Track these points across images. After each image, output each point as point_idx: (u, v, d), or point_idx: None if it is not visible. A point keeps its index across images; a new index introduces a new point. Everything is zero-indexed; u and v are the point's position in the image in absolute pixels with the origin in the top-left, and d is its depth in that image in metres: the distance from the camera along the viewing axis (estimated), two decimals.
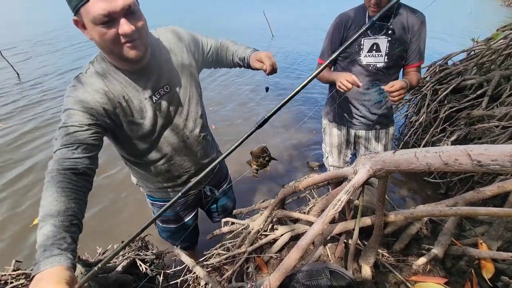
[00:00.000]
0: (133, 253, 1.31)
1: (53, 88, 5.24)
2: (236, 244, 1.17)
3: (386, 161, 0.59)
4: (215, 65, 1.31)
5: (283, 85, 5.57)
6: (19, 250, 2.13)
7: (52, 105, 4.55)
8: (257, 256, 1.08)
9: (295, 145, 3.47)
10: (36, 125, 3.92)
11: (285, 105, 0.72)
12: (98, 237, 2.19)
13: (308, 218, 0.92)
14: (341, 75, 1.41)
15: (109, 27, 0.78)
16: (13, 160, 3.17)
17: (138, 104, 0.98)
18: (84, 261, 1.20)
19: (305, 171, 2.98)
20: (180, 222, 1.52)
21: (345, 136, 1.90)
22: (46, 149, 3.36)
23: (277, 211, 1.05)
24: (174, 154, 1.18)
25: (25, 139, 3.58)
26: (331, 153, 2.00)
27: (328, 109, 1.93)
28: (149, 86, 0.99)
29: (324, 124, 1.99)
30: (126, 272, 1.17)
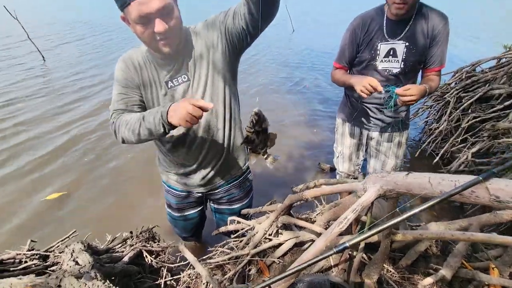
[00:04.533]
0: (141, 244, 1.35)
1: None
2: (240, 245, 1.17)
3: (398, 183, 0.57)
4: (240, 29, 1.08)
5: (300, 78, 5.48)
6: (35, 224, 2.23)
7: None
8: (260, 259, 1.09)
9: (306, 145, 3.43)
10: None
11: (298, 104, 0.71)
12: (109, 223, 2.26)
13: (313, 228, 0.90)
14: (361, 80, 1.36)
15: (147, 26, 0.91)
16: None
17: (155, 86, 1.10)
18: (93, 248, 1.24)
19: (315, 172, 2.94)
20: (181, 213, 1.55)
21: (357, 137, 1.86)
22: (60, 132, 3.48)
23: (283, 217, 1.04)
24: (178, 144, 1.20)
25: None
26: (342, 154, 1.96)
27: (342, 109, 1.90)
28: (170, 72, 1.09)
29: (337, 123, 1.95)
30: (132, 262, 1.21)
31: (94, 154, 3.10)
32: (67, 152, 3.12)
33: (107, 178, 2.75)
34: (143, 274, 1.19)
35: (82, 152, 3.13)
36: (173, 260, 1.41)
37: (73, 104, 4.18)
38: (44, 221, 2.27)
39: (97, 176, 2.78)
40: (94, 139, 3.37)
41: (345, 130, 1.89)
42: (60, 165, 2.91)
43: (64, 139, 3.34)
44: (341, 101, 1.93)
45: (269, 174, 2.82)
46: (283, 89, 5.13)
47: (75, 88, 4.71)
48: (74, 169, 2.86)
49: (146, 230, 1.49)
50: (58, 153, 3.09)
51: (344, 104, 1.86)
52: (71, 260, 0.98)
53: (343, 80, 1.59)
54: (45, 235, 2.14)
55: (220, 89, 1.14)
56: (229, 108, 1.20)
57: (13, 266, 1.29)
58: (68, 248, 1.08)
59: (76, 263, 0.95)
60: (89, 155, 3.08)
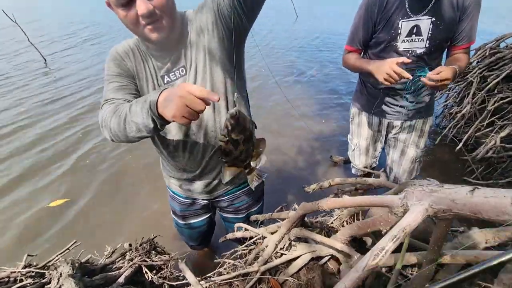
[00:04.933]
0: (140, 258, 1.22)
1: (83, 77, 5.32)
2: (249, 259, 1.03)
3: (458, 201, 0.40)
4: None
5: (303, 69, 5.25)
6: (36, 233, 2.16)
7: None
8: (271, 277, 0.94)
9: (316, 137, 3.24)
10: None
11: (307, 93, 0.54)
12: (111, 230, 2.17)
13: (333, 245, 0.75)
14: (382, 65, 1.17)
15: (128, 8, 0.78)
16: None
17: (152, 80, 0.97)
18: (87, 267, 1.13)
19: (327, 165, 2.77)
20: (185, 221, 1.42)
21: (376, 127, 1.67)
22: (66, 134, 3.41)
23: (296, 230, 0.89)
24: (176, 148, 1.06)
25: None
26: (358, 146, 1.78)
27: (357, 96, 1.70)
28: (166, 65, 0.95)
29: (352, 113, 1.76)
30: (130, 281, 1.09)
31: (97, 158, 3.01)
32: (69, 157, 3.03)
33: (109, 183, 2.65)
34: None
35: (84, 156, 3.04)
36: (176, 274, 1.28)
37: (76, 108, 4.10)
38: (46, 228, 2.20)
39: (98, 181, 2.68)
40: (96, 143, 3.27)
41: (361, 120, 1.70)
42: (61, 170, 2.83)
43: (65, 144, 3.26)
44: (356, 88, 1.74)
45: (277, 168, 2.66)
46: (288, 78, 4.91)
47: (79, 91, 4.62)
48: (76, 174, 2.78)
49: (147, 241, 1.37)
50: (60, 159, 3.01)
51: (360, 92, 1.67)
52: (57, 287, 0.86)
53: (358, 66, 1.40)
54: (47, 243, 2.07)
55: (221, 82, 0.97)
56: (233, 105, 1.03)
57: (6, 286, 1.20)
58: (56, 271, 0.97)
59: None
60: (92, 160, 2.99)
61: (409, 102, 1.48)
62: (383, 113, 1.58)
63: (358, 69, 1.43)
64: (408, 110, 1.51)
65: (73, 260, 1.04)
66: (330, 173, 2.61)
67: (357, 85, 1.71)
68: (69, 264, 0.97)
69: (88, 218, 2.28)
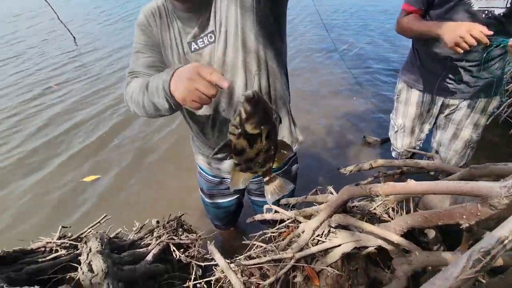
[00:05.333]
0: (167, 236, 1.20)
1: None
2: (281, 245, 0.96)
3: None
4: None
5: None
6: (70, 205, 2.26)
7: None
8: (307, 265, 0.86)
9: (347, 115, 3.03)
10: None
11: (335, 69, 0.41)
12: (140, 206, 2.20)
13: (387, 236, 0.64)
14: (458, 27, 0.96)
15: None
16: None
17: (177, 48, 0.87)
18: (116, 243, 1.11)
19: (360, 145, 2.59)
20: (212, 200, 1.36)
21: (427, 106, 1.47)
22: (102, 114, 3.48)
23: (339, 216, 0.78)
24: (205, 125, 0.97)
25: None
26: (403, 127, 1.58)
27: (408, 69, 1.49)
28: (193, 29, 0.84)
29: (399, 89, 1.56)
30: (157, 259, 1.07)
31: (125, 137, 3.04)
32: (98, 135, 3.10)
33: (135, 161, 2.68)
34: (171, 274, 1.04)
35: (112, 135, 3.09)
36: (204, 253, 1.25)
37: (106, 89, 4.15)
38: (78, 202, 2.28)
39: (126, 159, 2.72)
40: (125, 121, 3.31)
41: (410, 97, 1.50)
42: (92, 148, 2.90)
43: (95, 122, 3.33)
44: (407, 60, 1.52)
45: (306, 149, 2.53)
46: (315, 54, 4.61)
47: (109, 72, 4.67)
48: (106, 152, 2.84)
49: (174, 219, 1.34)
50: (89, 137, 3.09)
51: (411, 63, 1.45)
52: (86, 263, 0.84)
53: (420, 30, 1.17)
54: (79, 216, 2.15)
55: (254, 52, 0.84)
56: (267, 78, 0.91)
57: (43, 256, 1.23)
58: (86, 246, 0.95)
59: (90, 268, 0.81)
60: (120, 138, 3.03)
61: (473, 77, 1.25)
62: (439, 90, 1.37)
63: (419, 34, 1.20)
64: (471, 86, 1.28)
65: (102, 235, 1.03)
66: (363, 155, 2.44)
67: (409, 56, 1.49)
68: (98, 239, 0.95)
69: (117, 194, 2.33)
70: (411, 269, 0.59)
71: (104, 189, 2.39)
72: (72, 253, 1.24)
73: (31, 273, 1.10)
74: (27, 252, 1.25)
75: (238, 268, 0.96)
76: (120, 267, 0.88)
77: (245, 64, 0.85)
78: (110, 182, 2.46)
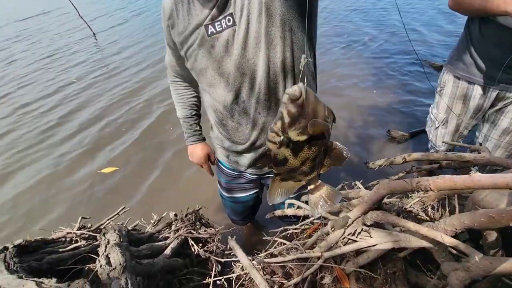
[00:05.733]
0: (186, 229, 1.16)
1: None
2: (308, 243, 0.89)
3: None
4: None
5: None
6: (90, 197, 2.29)
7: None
8: (337, 266, 0.79)
9: (370, 107, 2.89)
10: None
11: (355, 60, 0.32)
12: (158, 199, 2.19)
13: (437, 237, 0.55)
14: None
15: None
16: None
17: (193, 32, 0.81)
18: (135, 235, 1.08)
19: (384, 140, 2.45)
20: (230, 194, 1.30)
21: (476, 100, 1.30)
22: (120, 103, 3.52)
23: (376, 214, 0.70)
24: (224, 116, 0.92)
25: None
26: (446, 123, 1.43)
27: (458, 57, 1.31)
28: (211, 11, 0.76)
29: (444, 80, 1.40)
30: (176, 253, 1.03)
31: (144, 130, 3.06)
32: (114, 127, 3.14)
33: (155, 153, 2.68)
34: (189, 269, 1.00)
35: (131, 127, 3.11)
36: (223, 248, 1.20)
37: (124, 83, 4.20)
38: (97, 194, 2.31)
39: (146, 151, 2.73)
40: (143, 115, 3.32)
41: (457, 90, 1.34)
42: (110, 140, 2.93)
43: (115, 115, 3.37)
44: (456, 47, 1.35)
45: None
46: (335, 44, 4.44)
47: (126, 66, 4.73)
48: (125, 145, 2.86)
49: (192, 212, 1.30)
50: (106, 129, 3.12)
51: (462, 51, 1.28)
52: (104, 256, 0.81)
53: (484, 5, 0.98)
54: (99, 207, 2.17)
55: (279, 43, 0.76)
56: (292, 70, 0.82)
57: (63, 246, 1.23)
58: (104, 238, 0.92)
59: (108, 261, 0.77)
60: (139, 131, 3.05)
61: None
62: (493, 81, 1.19)
63: (482, 10, 1.02)
64: None
65: (120, 227, 1.00)
66: (388, 150, 2.31)
67: (459, 43, 1.32)
68: (116, 231, 0.92)
69: (135, 187, 2.34)
70: (468, 277, 0.51)
71: (122, 181, 2.40)
72: (91, 243, 1.23)
73: (51, 263, 1.09)
74: (48, 241, 1.25)
75: (259, 265, 0.91)
76: (138, 260, 0.84)
77: (267, 58, 0.77)
78: (128, 174, 2.47)
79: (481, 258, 0.50)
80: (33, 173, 2.60)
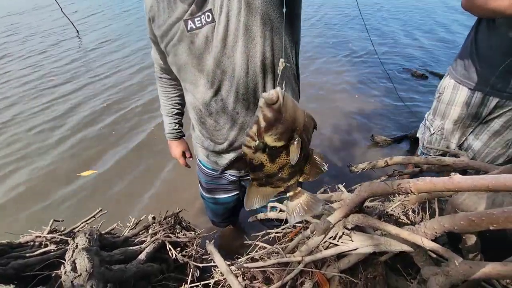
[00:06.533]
0: (164, 233, 1.11)
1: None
2: (288, 247, 0.86)
3: None
4: None
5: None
6: (65, 200, 2.17)
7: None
8: (317, 271, 0.77)
9: (354, 113, 2.93)
10: None
11: (340, 65, 0.31)
12: (134, 201, 2.11)
13: (416, 241, 0.54)
14: None
15: None
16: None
17: (173, 27, 0.78)
18: (108, 239, 1.03)
19: (367, 145, 2.49)
20: (211, 195, 1.27)
21: (475, 108, 1.28)
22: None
23: (357, 217, 0.69)
24: (203, 112, 0.89)
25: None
26: (442, 130, 1.41)
27: (461, 63, 1.29)
28: (190, 6, 0.74)
29: (444, 86, 1.38)
30: (152, 257, 0.98)
31: (123, 130, 2.96)
32: (93, 127, 3.02)
33: (133, 154, 2.60)
34: (165, 274, 0.95)
35: (110, 128, 3.01)
36: (202, 253, 1.16)
37: (103, 79, 4.08)
38: (73, 196, 2.20)
39: (123, 151, 2.64)
40: (121, 114, 3.22)
41: (456, 96, 1.32)
42: (88, 141, 2.82)
43: (91, 114, 3.25)
44: (460, 52, 1.32)
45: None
46: (320, 49, 4.50)
47: (110, 63, 4.59)
48: (102, 145, 2.75)
49: (171, 215, 1.25)
50: (85, 129, 3.01)
51: (466, 56, 1.25)
52: (70, 261, 0.75)
53: (501, 6, 0.95)
54: (73, 210, 2.07)
55: (259, 42, 0.74)
56: (272, 71, 0.80)
57: (31, 250, 1.15)
58: (72, 243, 0.86)
59: (74, 267, 0.72)
60: (117, 131, 2.95)
61: None
62: (496, 89, 1.17)
63: (497, 11, 0.99)
64: None
65: (92, 230, 0.94)
66: (371, 155, 2.34)
67: (464, 48, 1.29)
68: (86, 235, 0.86)
69: (112, 188, 2.25)
70: (448, 282, 0.50)
71: (100, 183, 2.30)
72: (62, 248, 1.16)
73: (17, 269, 1.01)
74: (14, 246, 1.17)
75: (239, 271, 0.88)
76: (108, 266, 0.79)
77: (246, 55, 0.75)
78: (107, 176, 2.37)
79: (460, 262, 0.49)
80: (5, 174, 2.45)
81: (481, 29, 1.19)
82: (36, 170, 2.48)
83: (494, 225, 0.42)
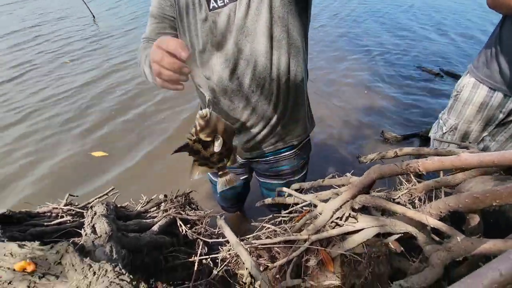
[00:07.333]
0: (175, 210, 1.15)
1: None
2: (296, 226, 0.89)
3: None
4: None
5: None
6: (78, 177, 2.25)
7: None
8: (322, 248, 0.80)
9: (365, 109, 2.92)
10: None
11: (351, 62, 0.33)
12: (145, 183, 2.18)
13: (419, 218, 0.57)
14: None
15: None
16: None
17: (193, 6, 0.79)
18: (122, 211, 1.08)
19: (376, 141, 2.49)
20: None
21: (493, 109, 1.25)
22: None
23: (365, 197, 0.71)
24: (219, 92, 0.90)
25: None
26: (454, 130, 1.37)
27: (483, 62, 1.25)
28: None
29: (463, 84, 1.33)
30: (163, 232, 1.03)
31: (134, 114, 3.02)
32: (107, 111, 3.10)
33: (146, 137, 2.66)
34: (176, 247, 1.00)
35: (122, 111, 3.08)
36: (211, 232, 1.20)
37: (120, 65, 4.14)
38: (85, 177, 2.28)
39: (136, 135, 2.71)
40: (134, 98, 3.29)
41: (475, 96, 1.27)
42: (101, 124, 2.90)
43: (104, 98, 3.32)
44: (483, 50, 1.27)
45: (320, 141, 2.45)
46: (334, 43, 4.46)
47: (125, 49, 4.66)
48: (115, 128, 2.82)
49: (182, 195, 1.30)
50: (98, 111, 3.08)
51: (490, 55, 1.21)
52: (90, 226, 0.80)
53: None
54: (87, 189, 2.14)
55: (281, 18, 0.77)
56: (289, 49, 0.83)
57: (48, 220, 1.21)
58: (90, 211, 0.91)
59: (93, 230, 0.77)
60: (129, 115, 3.01)
61: None
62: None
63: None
64: None
65: (108, 202, 0.99)
66: (380, 150, 2.32)
67: (487, 46, 1.24)
68: (104, 204, 0.92)
69: (124, 170, 2.32)
70: (449, 257, 0.52)
71: (112, 165, 2.38)
72: (77, 220, 1.22)
73: (35, 235, 1.07)
74: (33, 215, 1.23)
75: (246, 247, 0.91)
76: (124, 233, 0.83)
77: (269, 30, 0.77)
78: (118, 158, 2.44)
79: (462, 238, 0.51)
80: (21, 154, 2.55)
81: (505, 29, 1.16)
82: (46, 150, 2.56)
83: (497, 201, 0.44)
